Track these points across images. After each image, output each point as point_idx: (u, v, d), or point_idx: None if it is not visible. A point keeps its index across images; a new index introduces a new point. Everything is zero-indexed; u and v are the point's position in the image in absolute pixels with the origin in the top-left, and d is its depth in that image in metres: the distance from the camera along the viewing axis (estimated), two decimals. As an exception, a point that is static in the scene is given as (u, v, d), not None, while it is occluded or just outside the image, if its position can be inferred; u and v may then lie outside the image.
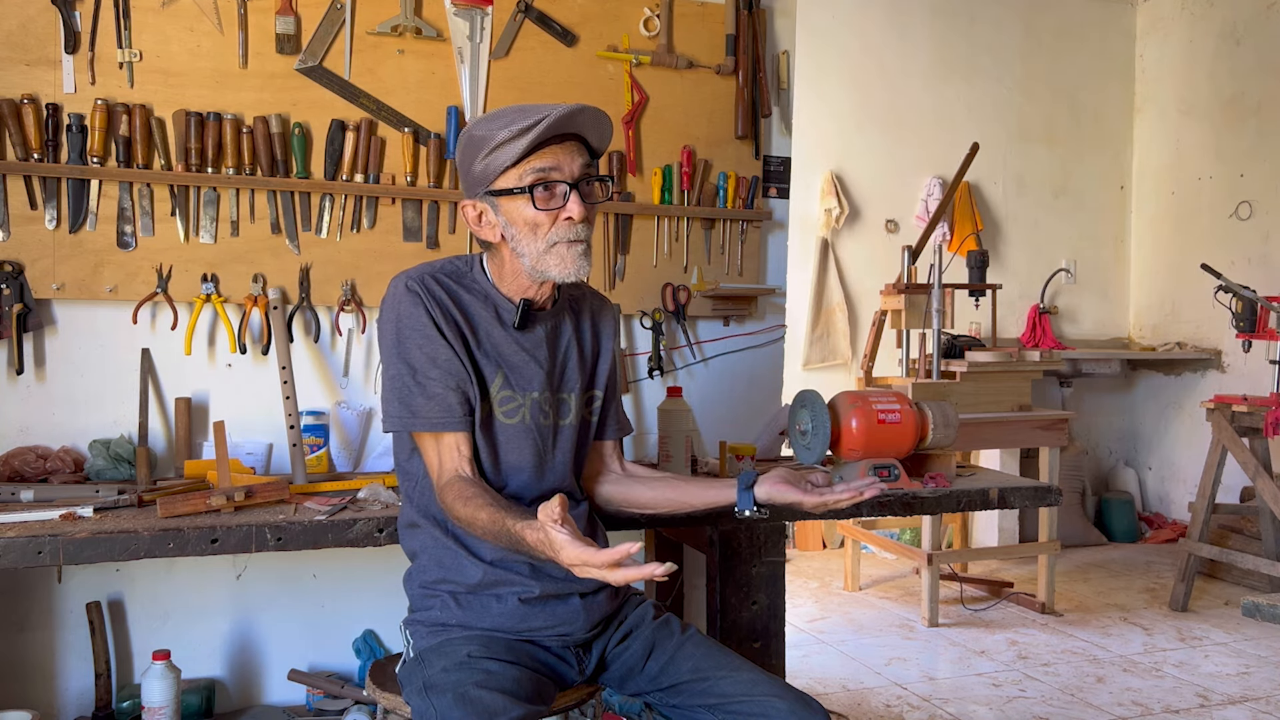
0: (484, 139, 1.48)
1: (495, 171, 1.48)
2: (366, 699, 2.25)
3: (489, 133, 1.47)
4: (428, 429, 1.50)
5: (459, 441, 1.50)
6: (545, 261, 1.50)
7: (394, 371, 1.51)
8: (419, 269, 1.55)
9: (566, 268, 1.51)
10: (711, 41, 2.65)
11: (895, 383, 3.53)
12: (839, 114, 4.92)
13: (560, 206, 1.48)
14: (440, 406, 1.49)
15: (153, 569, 2.28)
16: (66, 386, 2.22)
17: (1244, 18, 4.94)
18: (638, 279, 2.60)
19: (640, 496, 1.71)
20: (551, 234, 1.49)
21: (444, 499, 1.48)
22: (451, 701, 1.38)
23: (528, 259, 1.51)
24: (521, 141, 1.44)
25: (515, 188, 1.47)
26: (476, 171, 1.50)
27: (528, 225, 1.49)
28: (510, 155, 1.46)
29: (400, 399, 1.50)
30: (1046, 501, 2.26)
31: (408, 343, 1.50)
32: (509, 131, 1.45)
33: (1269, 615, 3.77)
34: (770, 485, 1.58)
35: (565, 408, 1.62)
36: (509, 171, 1.48)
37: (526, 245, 1.50)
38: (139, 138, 2.20)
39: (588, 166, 1.51)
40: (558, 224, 1.49)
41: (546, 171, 1.47)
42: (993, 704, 2.93)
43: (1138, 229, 5.55)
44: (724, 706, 1.49)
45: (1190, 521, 3.97)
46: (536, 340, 1.59)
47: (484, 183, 1.50)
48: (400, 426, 1.52)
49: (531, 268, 1.52)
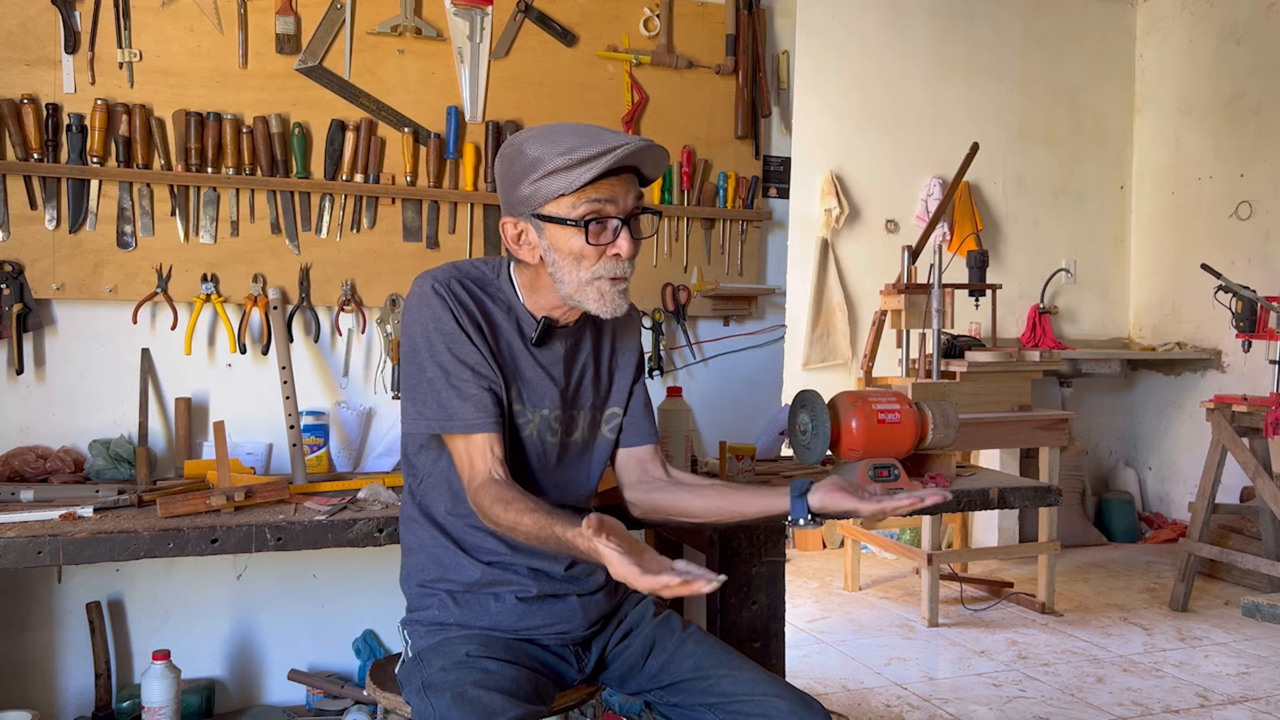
0: (538, 161, 1.42)
1: (547, 197, 1.43)
2: (366, 699, 2.25)
3: (544, 155, 1.41)
4: (462, 430, 1.46)
5: (492, 442, 1.47)
6: (585, 294, 1.47)
7: (430, 374, 1.48)
8: (444, 270, 1.52)
9: (605, 305, 1.48)
10: (711, 41, 2.65)
11: (895, 383, 3.53)
12: (839, 114, 4.92)
13: (610, 242, 1.45)
14: (475, 407, 1.46)
15: (153, 569, 2.28)
16: (66, 386, 2.22)
17: (1244, 18, 4.94)
18: (638, 279, 2.59)
19: (690, 505, 1.62)
20: (597, 268, 1.45)
21: (479, 501, 1.44)
22: (450, 701, 1.38)
23: (567, 287, 1.47)
24: (581, 172, 1.39)
25: (568, 219, 1.42)
26: (524, 193, 1.44)
27: (573, 255, 1.45)
28: (565, 184, 1.40)
29: (438, 401, 1.47)
30: (1046, 501, 2.26)
31: (437, 345, 1.48)
32: (567, 159, 1.39)
33: (1269, 615, 3.77)
34: (824, 493, 1.50)
35: (574, 425, 1.61)
36: (562, 199, 1.42)
37: (568, 274, 1.46)
38: (139, 138, 2.20)
39: (639, 199, 1.47)
40: (605, 259, 1.45)
41: (601, 204, 1.42)
42: (993, 704, 2.93)
43: (1138, 229, 5.55)
44: (724, 705, 1.48)
45: (1190, 521, 3.97)
46: (554, 358, 1.57)
47: (531, 205, 1.45)
48: (436, 428, 1.49)
49: (568, 296, 1.48)
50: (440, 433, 1.50)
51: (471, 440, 1.47)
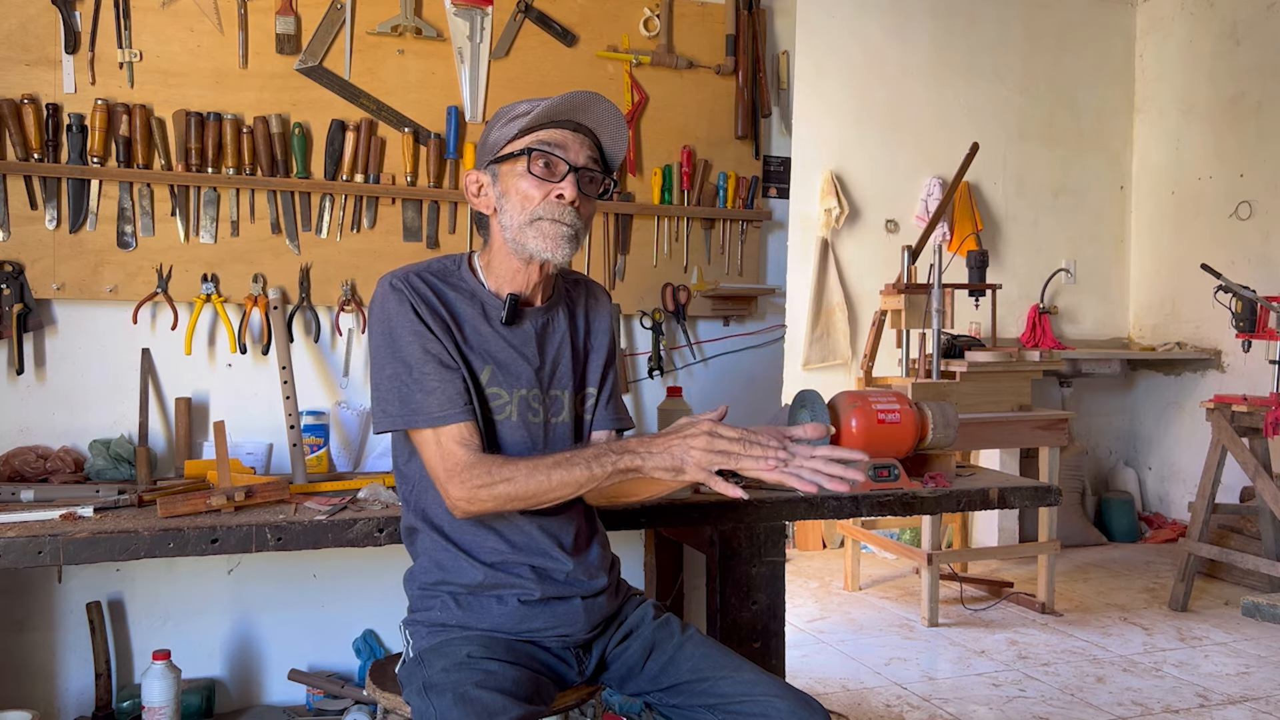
0: (507, 110, 1.52)
1: (504, 139, 1.51)
2: (366, 699, 2.25)
3: (512, 106, 1.52)
4: (429, 424, 1.44)
5: (464, 431, 1.44)
6: (526, 234, 1.49)
7: (390, 371, 1.47)
8: (403, 269, 1.53)
9: (546, 244, 1.49)
10: (711, 41, 2.65)
11: (895, 383, 3.53)
12: (839, 114, 4.92)
13: (555, 182, 1.49)
14: (440, 399, 1.45)
15: (153, 569, 2.28)
16: (66, 386, 2.22)
17: (1244, 18, 4.94)
18: (638, 279, 2.60)
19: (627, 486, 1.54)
20: (539, 208, 1.49)
21: (459, 490, 1.41)
22: (451, 701, 1.38)
23: (510, 231, 1.50)
24: (535, 111, 1.47)
25: (515, 152, 1.49)
26: (490, 140, 1.53)
27: (519, 195, 1.49)
28: (521, 124, 1.48)
29: (400, 397, 1.46)
30: (1046, 501, 2.26)
31: (399, 340, 1.47)
32: (529, 104, 1.49)
33: (1269, 615, 3.77)
34: None
35: (558, 405, 1.60)
36: (516, 140, 1.50)
37: (513, 217, 1.50)
38: (139, 138, 2.20)
39: (594, 162, 1.53)
40: (548, 199, 1.49)
41: (550, 147, 1.49)
42: (993, 704, 2.93)
43: (1137, 229, 5.55)
44: (724, 706, 1.48)
45: (1190, 521, 3.97)
46: (525, 337, 1.56)
47: (492, 151, 1.53)
48: (401, 424, 1.46)
49: (512, 240, 1.50)
50: (407, 428, 1.47)
51: (441, 432, 1.44)
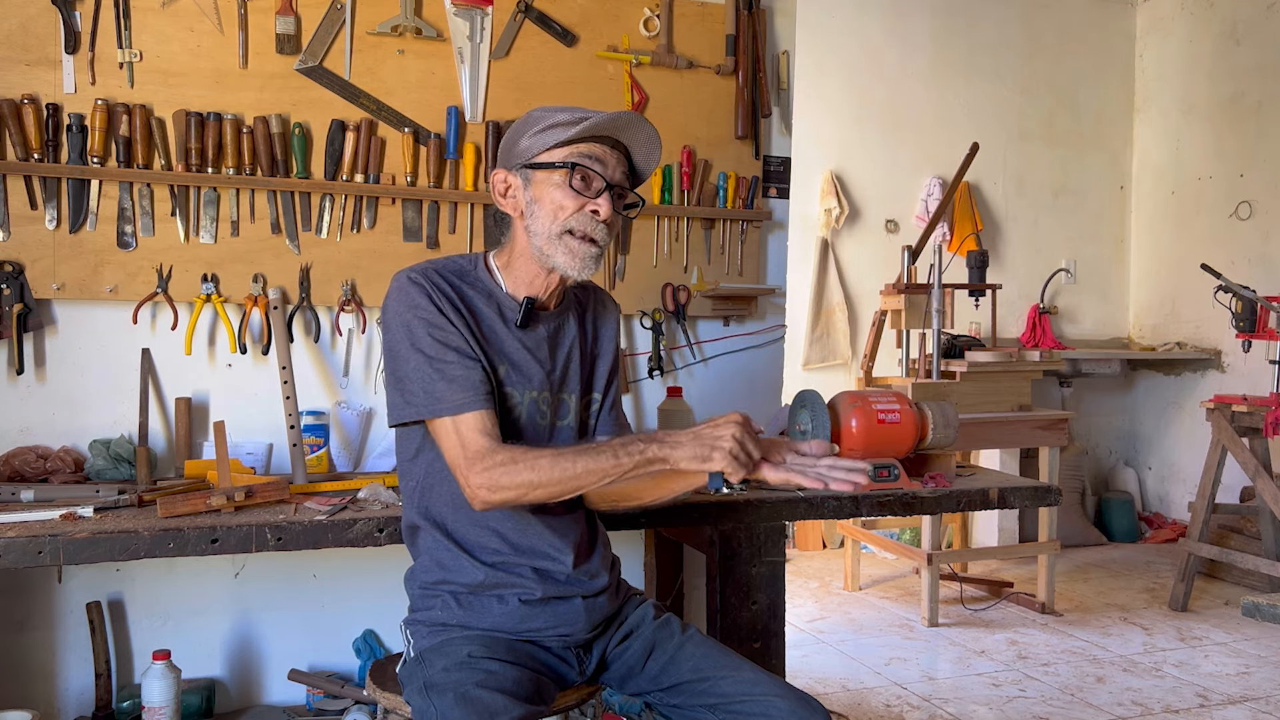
0: (542, 117, 1.52)
1: (541, 147, 1.51)
2: (366, 699, 2.25)
3: (549, 114, 1.51)
4: (451, 412, 1.44)
5: (484, 419, 1.44)
6: (554, 247, 1.51)
7: (414, 362, 1.47)
8: (420, 265, 1.54)
9: (573, 262, 1.51)
10: (711, 41, 2.65)
11: (895, 383, 3.53)
12: (839, 114, 4.92)
13: (591, 197, 1.50)
14: (461, 388, 1.45)
15: (153, 569, 2.28)
16: (66, 386, 2.22)
17: (1244, 18, 4.94)
18: (638, 279, 2.60)
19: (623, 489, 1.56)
20: (572, 220, 1.50)
21: (478, 476, 1.41)
22: (452, 701, 1.38)
23: (539, 239, 1.51)
24: (578, 127, 1.48)
25: (555, 163, 1.49)
26: (521, 146, 1.53)
27: (553, 205, 1.50)
28: (561, 136, 1.49)
29: (424, 387, 1.45)
30: (1046, 501, 2.26)
31: (418, 332, 1.47)
32: (570, 115, 1.50)
33: (1269, 615, 3.77)
34: None
35: (565, 408, 1.61)
36: (555, 150, 1.50)
37: (543, 225, 1.51)
38: (139, 138, 2.20)
39: (627, 179, 1.55)
40: (582, 213, 1.50)
41: (591, 161, 1.50)
42: (993, 704, 2.93)
43: (1137, 229, 5.55)
44: (725, 706, 1.48)
45: (1190, 521, 3.97)
46: (538, 339, 1.58)
47: (525, 156, 1.52)
48: (425, 414, 1.46)
49: (539, 249, 1.51)
50: (429, 418, 1.47)
51: (461, 420, 1.44)
